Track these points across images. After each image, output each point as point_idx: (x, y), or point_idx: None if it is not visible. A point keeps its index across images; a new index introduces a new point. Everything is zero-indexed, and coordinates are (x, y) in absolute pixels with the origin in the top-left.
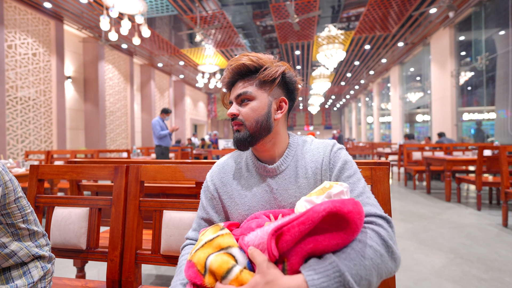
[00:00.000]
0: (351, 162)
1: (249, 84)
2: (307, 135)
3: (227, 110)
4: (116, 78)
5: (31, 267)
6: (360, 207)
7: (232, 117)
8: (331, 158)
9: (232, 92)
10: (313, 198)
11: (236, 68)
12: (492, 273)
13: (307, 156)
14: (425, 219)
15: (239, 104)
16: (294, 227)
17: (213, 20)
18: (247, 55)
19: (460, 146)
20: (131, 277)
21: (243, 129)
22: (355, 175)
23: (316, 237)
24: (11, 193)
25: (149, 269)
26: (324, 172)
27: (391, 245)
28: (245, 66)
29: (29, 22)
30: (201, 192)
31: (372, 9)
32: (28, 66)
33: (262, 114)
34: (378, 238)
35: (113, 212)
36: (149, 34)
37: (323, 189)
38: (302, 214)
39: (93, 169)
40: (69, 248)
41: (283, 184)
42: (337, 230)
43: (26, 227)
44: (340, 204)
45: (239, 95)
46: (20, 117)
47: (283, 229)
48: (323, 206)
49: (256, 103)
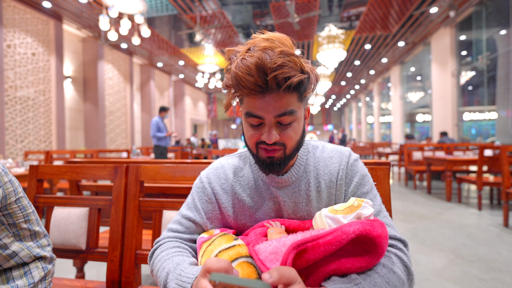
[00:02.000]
0: (368, 176)
1: (291, 99)
2: (309, 133)
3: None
4: (116, 77)
5: (32, 267)
6: (386, 230)
7: (269, 143)
8: (347, 171)
9: (266, 106)
10: (339, 217)
11: (284, 83)
12: (493, 274)
13: (320, 166)
14: (426, 219)
15: (276, 124)
16: (319, 245)
17: (213, 19)
18: (286, 62)
19: (460, 146)
20: (131, 277)
21: (280, 154)
22: (372, 191)
23: (340, 258)
24: (12, 194)
25: (149, 269)
26: (339, 187)
27: (411, 273)
28: (295, 81)
29: (28, 21)
30: (193, 192)
31: (373, 8)
32: (27, 66)
33: (301, 132)
34: (401, 264)
35: (113, 212)
36: (149, 34)
37: (351, 207)
38: (328, 233)
39: (92, 169)
40: (69, 249)
41: (293, 196)
42: (363, 253)
43: (27, 227)
44: (370, 227)
45: (284, 114)
46: (20, 117)
47: (307, 245)
48: (353, 227)
49: (298, 122)
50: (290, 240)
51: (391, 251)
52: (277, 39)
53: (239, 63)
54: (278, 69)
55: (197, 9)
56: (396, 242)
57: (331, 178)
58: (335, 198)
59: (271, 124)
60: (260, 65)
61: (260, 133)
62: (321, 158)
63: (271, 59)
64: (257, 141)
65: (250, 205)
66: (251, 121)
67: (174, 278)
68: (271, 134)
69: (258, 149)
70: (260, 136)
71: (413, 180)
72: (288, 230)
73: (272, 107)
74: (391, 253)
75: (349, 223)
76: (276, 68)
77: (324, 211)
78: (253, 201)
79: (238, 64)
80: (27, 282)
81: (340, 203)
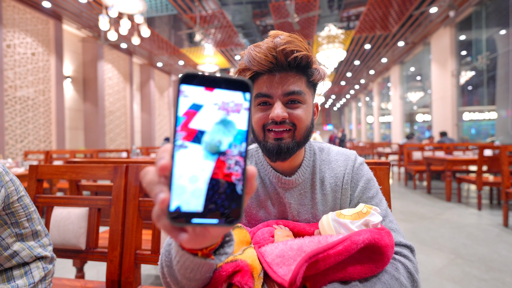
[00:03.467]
0: (373, 180)
1: (299, 81)
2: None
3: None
4: (116, 77)
5: (32, 267)
6: (393, 239)
7: (277, 121)
8: (353, 175)
9: (275, 84)
10: (347, 222)
11: (291, 55)
12: (493, 273)
13: (325, 168)
14: (426, 219)
15: (285, 105)
16: (330, 257)
17: (213, 19)
18: (294, 40)
19: (460, 146)
20: (131, 277)
21: (289, 136)
22: (377, 195)
23: (346, 266)
24: (14, 193)
25: (148, 269)
26: (344, 191)
27: (416, 279)
28: (305, 57)
29: (28, 21)
30: None
31: (373, 8)
32: (27, 66)
33: (310, 119)
34: (405, 271)
35: (113, 212)
36: (149, 34)
37: (359, 213)
38: (338, 242)
39: (92, 169)
40: (69, 248)
41: (299, 198)
42: (369, 261)
43: (29, 226)
44: (378, 236)
45: (292, 92)
46: (19, 116)
47: (318, 256)
48: (362, 237)
49: (307, 106)
50: (297, 244)
51: (396, 258)
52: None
53: (252, 46)
54: (286, 44)
55: (197, 9)
56: (402, 248)
57: (336, 182)
58: (341, 202)
59: (280, 101)
60: (271, 45)
61: (267, 114)
62: (327, 160)
63: (281, 40)
64: (264, 123)
65: (254, 205)
66: (259, 101)
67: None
68: (279, 109)
69: (266, 133)
70: (267, 117)
71: (412, 180)
72: (293, 232)
73: (281, 85)
74: (396, 260)
75: (358, 232)
76: (284, 43)
77: (332, 215)
78: (257, 201)
79: (251, 47)
80: (27, 281)
81: (346, 207)
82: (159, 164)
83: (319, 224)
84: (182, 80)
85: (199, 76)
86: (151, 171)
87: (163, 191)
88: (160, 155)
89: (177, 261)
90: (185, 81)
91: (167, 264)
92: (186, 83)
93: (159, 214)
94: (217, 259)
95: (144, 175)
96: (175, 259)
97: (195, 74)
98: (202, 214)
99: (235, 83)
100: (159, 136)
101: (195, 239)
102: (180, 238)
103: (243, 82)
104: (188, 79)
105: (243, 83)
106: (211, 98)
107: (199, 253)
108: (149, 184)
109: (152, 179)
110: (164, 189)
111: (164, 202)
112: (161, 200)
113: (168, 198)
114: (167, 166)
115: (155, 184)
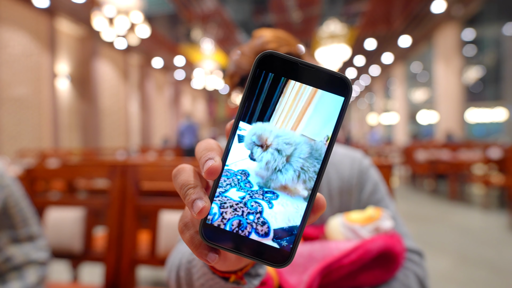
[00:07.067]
0: (380, 183)
1: None
2: None
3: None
4: (112, 76)
5: (27, 271)
6: (403, 245)
7: None
8: (360, 177)
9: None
10: (356, 228)
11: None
12: (499, 276)
13: (331, 171)
14: (430, 220)
15: None
16: (343, 267)
17: (212, 17)
18: (277, 38)
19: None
20: (128, 279)
21: None
22: (384, 198)
23: (357, 274)
24: (11, 196)
25: (145, 271)
26: (351, 193)
27: (426, 286)
28: (288, 53)
29: (22, 18)
30: None
31: (376, 5)
32: (20, 63)
33: None
34: (415, 278)
35: (109, 214)
36: (147, 32)
37: (369, 218)
38: (351, 251)
39: (88, 170)
40: (64, 251)
41: None
42: (380, 268)
43: (26, 229)
44: (391, 244)
45: None
46: (13, 115)
47: (332, 267)
48: (376, 245)
49: None
50: (306, 251)
51: (406, 264)
52: (282, 36)
53: (236, 50)
54: (268, 43)
55: (196, 7)
56: (412, 254)
57: (342, 184)
58: (347, 205)
59: None
60: (253, 45)
61: None
62: (332, 162)
63: (263, 39)
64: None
65: None
66: None
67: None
68: None
69: None
70: None
71: (417, 180)
72: None
73: None
74: (406, 267)
75: (371, 240)
76: (267, 42)
77: (340, 220)
78: None
79: (236, 50)
80: (22, 285)
81: (352, 209)
82: (208, 165)
83: (326, 228)
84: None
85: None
86: (187, 170)
87: (202, 198)
88: (205, 154)
89: (201, 283)
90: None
91: (187, 282)
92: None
93: (187, 225)
94: (250, 284)
95: (177, 174)
96: (198, 281)
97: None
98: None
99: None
100: (154, 134)
101: (227, 262)
102: (209, 259)
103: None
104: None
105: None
106: None
107: (233, 276)
108: (183, 186)
109: (187, 180)
110: (203, 195)
111: (203, 212)
112: (200, 209)
113: (208, 208)
114: (218, 169)
115: (192, 188)
